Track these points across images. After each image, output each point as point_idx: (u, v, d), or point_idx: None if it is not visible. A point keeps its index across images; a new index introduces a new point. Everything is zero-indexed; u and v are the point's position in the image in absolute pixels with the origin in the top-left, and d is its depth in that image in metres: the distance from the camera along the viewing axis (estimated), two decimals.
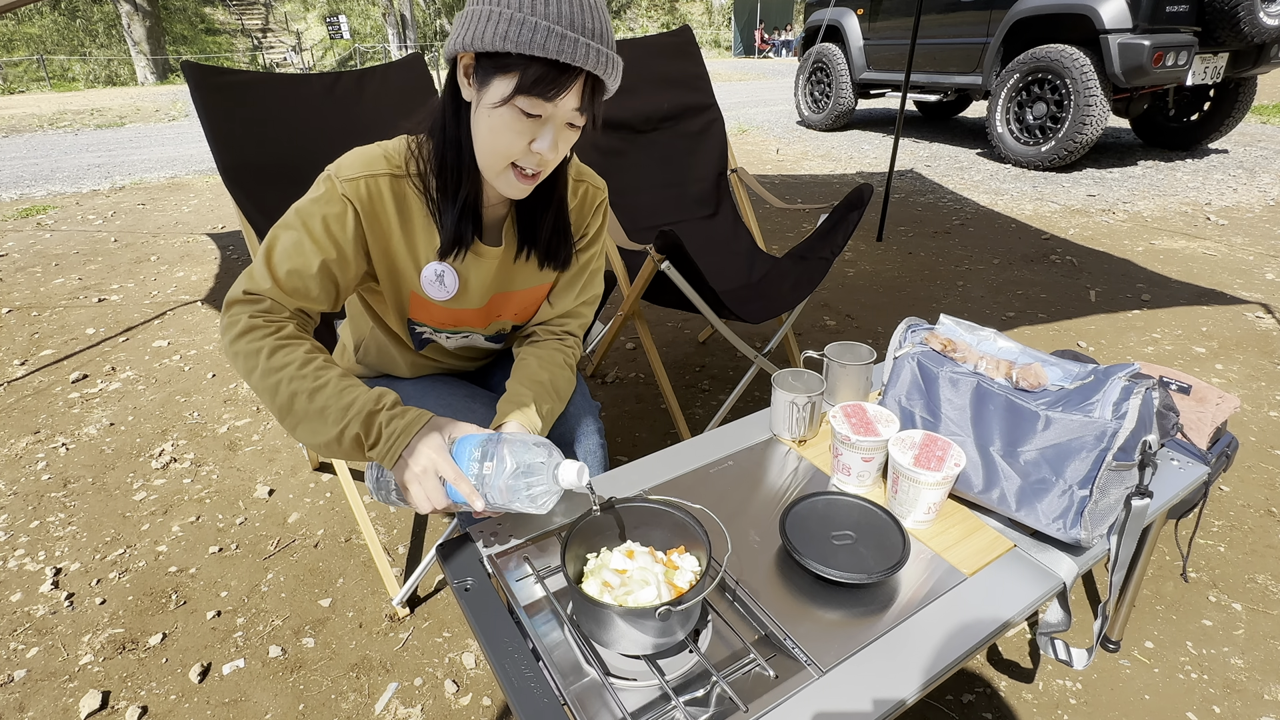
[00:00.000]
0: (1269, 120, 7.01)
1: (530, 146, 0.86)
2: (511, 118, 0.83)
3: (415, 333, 1.11)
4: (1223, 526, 1.63)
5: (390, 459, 0.84)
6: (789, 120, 8.09)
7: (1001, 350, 1.01)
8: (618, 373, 2.42)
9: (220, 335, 0.89)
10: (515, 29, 0.77)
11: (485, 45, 0.79)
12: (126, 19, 17.15)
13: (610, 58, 0.82)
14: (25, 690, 1.29)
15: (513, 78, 0.80)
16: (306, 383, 0.84)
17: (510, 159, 0.87)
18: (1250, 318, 2.70)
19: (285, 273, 0.89)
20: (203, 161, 6.58)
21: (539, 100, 0.81)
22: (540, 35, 0.77)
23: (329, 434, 0.84)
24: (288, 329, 0.88)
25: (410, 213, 0.97)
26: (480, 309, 1.08)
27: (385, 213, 0.94)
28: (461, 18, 0.83)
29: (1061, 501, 0.88)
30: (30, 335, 2.82)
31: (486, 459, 0.83)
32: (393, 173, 0.93)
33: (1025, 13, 4.97)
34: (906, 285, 3.13)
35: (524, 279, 1.09)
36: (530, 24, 0.77)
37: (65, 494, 1.85)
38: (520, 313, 1.14)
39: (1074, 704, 1.22)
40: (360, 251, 0.95)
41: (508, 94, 0.81)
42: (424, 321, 1.08)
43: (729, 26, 25.40)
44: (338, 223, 0.91)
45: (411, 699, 1.27)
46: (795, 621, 0.81)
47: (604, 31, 0.81)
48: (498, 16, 0.78)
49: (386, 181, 0.93)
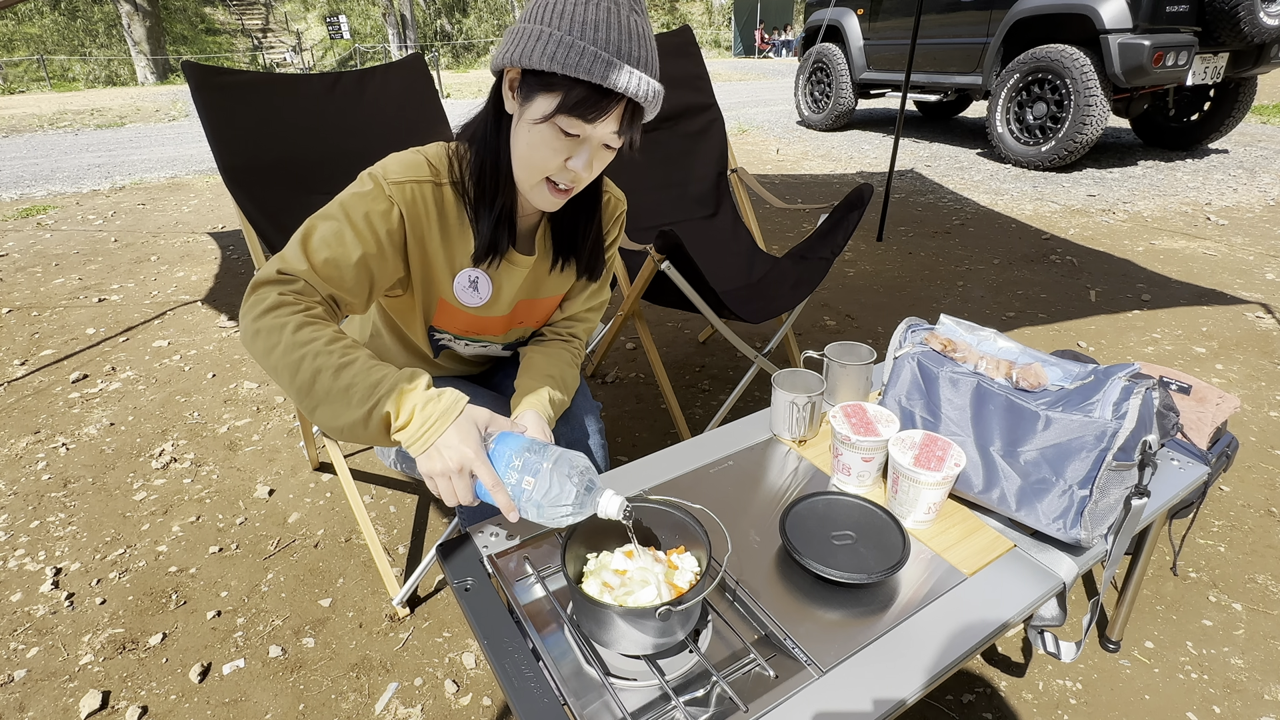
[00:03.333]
0: (1269, 120, 7.01)
1: (566, 163, 0.88)
2: (551, 135, 0.86)
3: (434, 340, 1.13)
4: (1223, 526, 1.63)
5: (421, 445, 0.78)
6: (789, 120, 8.09)
7: (1001, 350, 1.02)
8: (618, 373, 2.42)
9: (241, 316, 0.83)
10: (563, 51, 0.80)
11: (532, 63, 0.82)
12: (126, 19, 17.15)
13: (652, 86, 0.84)
14: (25, 690, 1.30)
15: (555, 97, 0.83)
16: (333, 359, 0.79)
17: (545, 174, 0.90)
18: (1250, 318, 2.70)
19: (322, 260, 0.86)
20: (203, 161, 6.58)
21: (579, 121, 0.84)
22: (586, 59, 0.80)
23: (354, 415, 0.78)
24: (317, 310, 0.84)
25: (448, 220, 0.97)
26: (505, 316, 1.10)
27: (427, 217, 0.95)
28: (512, 33, 0.85)
29: (1061, 501, 0.88)
30: (30, 335, 2.82)
31: (528, 473, 0.78)
32: (434, 180, 0.94)
33: (1025, 13, 4.97)
34: (906, 285, 3.13)
35: (550, 287, 1.11)
36: (579, 48, 0.80)
37: (65, 494, 1.85)
38: (541, 319, 1.17)
39: (1074, 704, 1.22)
40: (399, 253, 0.95)
41: (549, 111, 0.83)
42: (445, 329, 1.09)
43: (729, 26, 25.40)
44: (382, 219, 0.90)
45: (411, 699, 1.27)
46: (795, 621, 0.81)
47: (649, 60, 0.84)
48: (547, 37, 0.81)
49: (429, 188, 0.94)
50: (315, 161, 1.63)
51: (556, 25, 0.81)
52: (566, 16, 0.81)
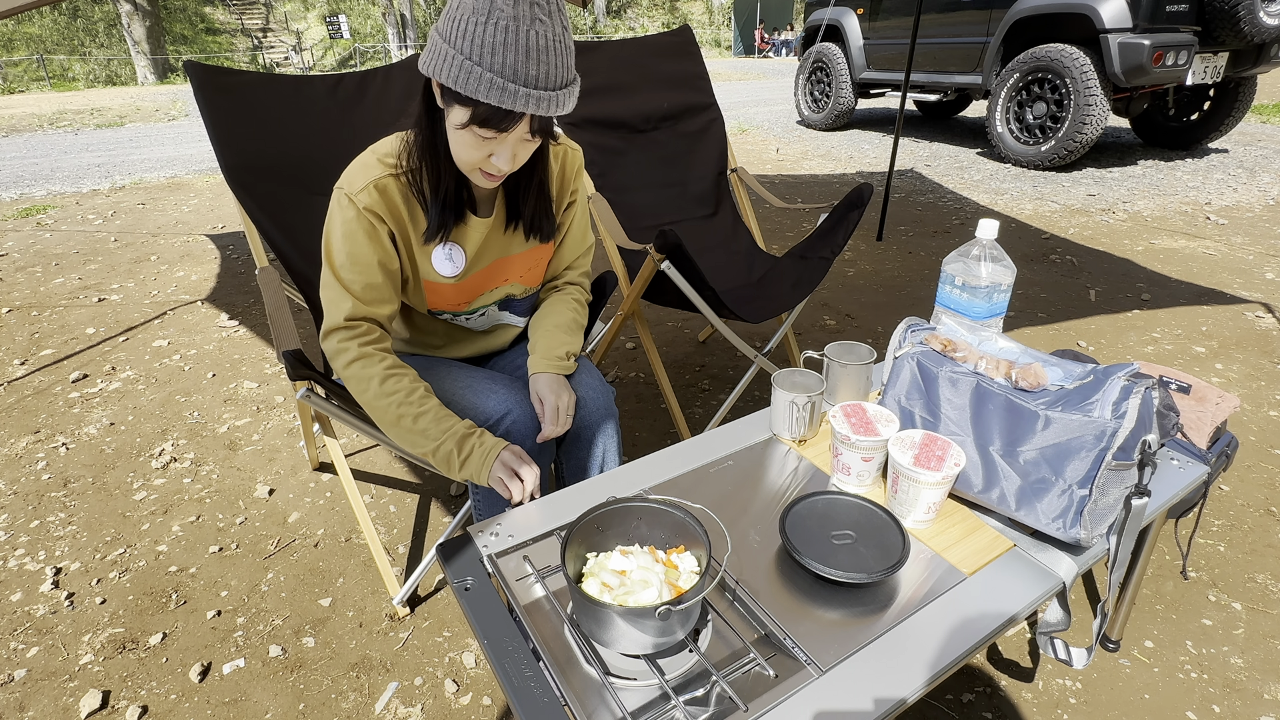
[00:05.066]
0: (1269, 120, 7.01)
1: (489, 159, 0.99)
2: (471, 138, 0.95)
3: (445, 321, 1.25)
4: (1222, 526, 1.63)
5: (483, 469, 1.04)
6: (789, 120, 8.09)
7: (1001, 350, 1.02)
8: (618, 372, 2.42)
9: (331, 358, 1.08)
10: (464, 75, 0.88)
11: (441, 80, 0.90)
12: (126, 19, 17.14)
13: (554, 98, 0.91)
14: (25, 690, 1.30)
15: (467, 110, 0.92)
16: (413, 408, 1.05)
17: (475, 165, 1.00)
18: (1250, 317, 2.70)
19: (361, 288, 1.05)
20: (203, 161, 6.58)
21: (490, 129, 0.93)
22: (484, 85, 0.87)
23: (427, 447, 1.05)
24: (390, 360, 1.08)
25: (414, 204, 1.08)
26: (484, 274, 1.20)
27: (397, 207, 1.06)
28: (431, 43, 0.92)
29: (1061, 501, 0.88)
30: (30, 335, 2.82)
31: None
32: (391, 171, 1.05)
33: (1025, 12, 4.97)
34: (906, 285, 3.13)
35: (520, 243, 1.21)
36: (476, 74, 0.87)
37: (65, 494, 1.85)
38: (526, 274, 1.25)
39: (1074, 703, 1.22)
40: (393, 248, 1.09)
41: (464, 121, 0.93)
42: (442, 308, 1.21)
43: (729, 26, 25.39)
44: (370, 230, 1.04)
45: (412, 698, 1.27)
46: (795, 621, 0.81)
47: (548, 75, 0.89)
48: (451, 58, 0.88)
49: (389, 180, 1.04)
50: (317, 161, 1.63)
51: (459, 47, 0.87)
52: (468, 38, 0.86)
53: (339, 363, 1.06)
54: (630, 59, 2.19)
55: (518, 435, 1.13)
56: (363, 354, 1.06)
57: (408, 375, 1.07)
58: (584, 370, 1.26)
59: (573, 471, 1.26)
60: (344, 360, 1.06)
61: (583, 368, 1.26)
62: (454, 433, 1.05)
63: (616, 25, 24.88)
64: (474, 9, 0.85)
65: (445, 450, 1.04)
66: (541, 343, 1.22)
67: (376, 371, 1.05)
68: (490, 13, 0.85)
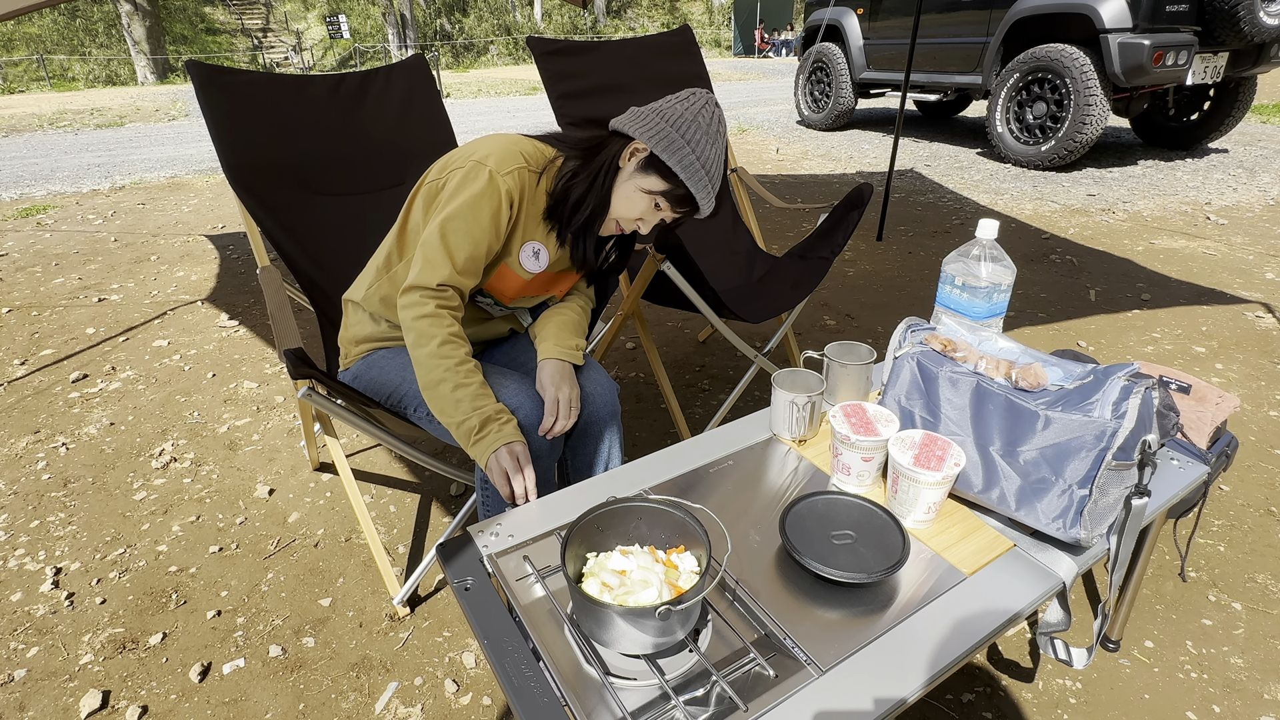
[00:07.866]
0: (1269, 120, 7.01)
1: (638, 221, 1.17)
2: (644, 202, 1.14)
3: (476, 303, 1.30)
4: (1222, 526, 1.63)
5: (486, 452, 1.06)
6: (789, 120, 8.09)
7: (1002, 350, 1.02)
8: (618, 373, 2.42)
9: (401, 309, 1.12)
10: (676, 155, 1.08)
11: (653, 146, 1.09)
12: (126, 19, 17.13)
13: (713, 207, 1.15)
14: (25, 690, 1.30)
15: (665, 182, 1.11)
16: (457, 377, 1.08)
17: (624, 218, 1.17)
18: (1250, 317, 2.70)
19: (464, 259, 1.11)
20: (203, 161, 6.58)
21: (669, 205, 1.13)
22: (692, 173, 1.09)
23: (455, 417, 1.08)
24: (456, 327, 1.12)
25: (535, 204, 1.19)
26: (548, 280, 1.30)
27: (524, 201, 1.16)
28: (654, 118, 1.10)
29: (1061, 501, 0.88)
30: (30, 335, 2.82)
31: None
32: (531, 168, 1.15)
33: (1025, 12, 4.97)
34: (906, 285, 3.13)
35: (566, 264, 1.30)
36: (690, 160, 1.08)
37: (65, 494, 1.85)
38: (562, 290, 1.37)
39: (1074, 703, 1.22)
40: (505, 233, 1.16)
41: (655, 189, 1.12)
42: (491, 293, 1.26)
43: (729, 26, 25.38)
44: (501, 215, 1.12)
45: (412, 698, 1.27)
46: (795, 621, 0.81)
47: (718, 185, 1.13)
48: (666, 134, 1.08)
49: (528, 174, 1.15)
50: (318, 161, 1.63)
51: (686, 139, 1.08)
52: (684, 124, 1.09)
53: (411, 313, 1.10)
54: (630, 59, 2.19)
55: (526, 431, 1.14)
56: (437, 314, 1.10)
57: (464, 347, 1.11)
58: (591, 367, 1.30)
59: (578, 468, 1.29)
60: (417, 312, 1.09)
61: (590, 365, 1.30)
62: (483, 411, 1.07)
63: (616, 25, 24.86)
64: (686, 105, 1.10)
65: (470, 425, 1.07)
66: (553, 332, 1.27)
67: (441, 333, 1.09)
68: (698, 115, 1.09)
